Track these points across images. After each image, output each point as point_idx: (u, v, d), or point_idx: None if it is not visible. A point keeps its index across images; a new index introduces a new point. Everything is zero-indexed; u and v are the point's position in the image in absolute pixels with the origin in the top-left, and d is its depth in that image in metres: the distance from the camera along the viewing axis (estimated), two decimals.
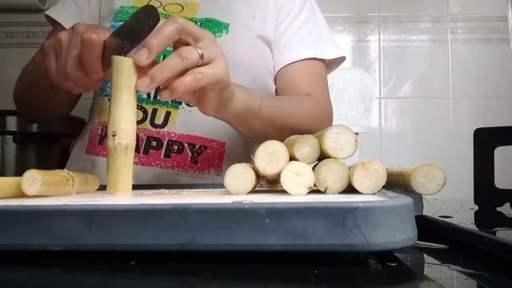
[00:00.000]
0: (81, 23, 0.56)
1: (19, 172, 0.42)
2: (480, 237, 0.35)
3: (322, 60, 0.87)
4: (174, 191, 0.53)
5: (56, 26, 0.87)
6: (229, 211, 0.29)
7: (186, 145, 0.77)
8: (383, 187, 0.40)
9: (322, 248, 0.28)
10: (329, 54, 0.87)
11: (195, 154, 0.78)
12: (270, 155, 0.42)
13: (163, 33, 0.48)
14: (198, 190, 0.54)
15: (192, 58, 0.49)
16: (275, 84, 0.87)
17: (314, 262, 0.30)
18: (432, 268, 0.31)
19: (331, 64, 0.90)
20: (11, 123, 1.40)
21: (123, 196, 0.45)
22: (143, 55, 0.47)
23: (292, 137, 0.46)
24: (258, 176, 0.45)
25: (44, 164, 1.41)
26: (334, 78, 1.24)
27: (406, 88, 1.84)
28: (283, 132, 0.68)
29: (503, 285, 0.28)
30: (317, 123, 0.77)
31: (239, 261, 0.30)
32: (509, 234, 0.40)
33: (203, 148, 0.78)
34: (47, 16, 0.89)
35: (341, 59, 0.90)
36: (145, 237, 0.30)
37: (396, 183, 0.45)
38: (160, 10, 0.84)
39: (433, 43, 1.85)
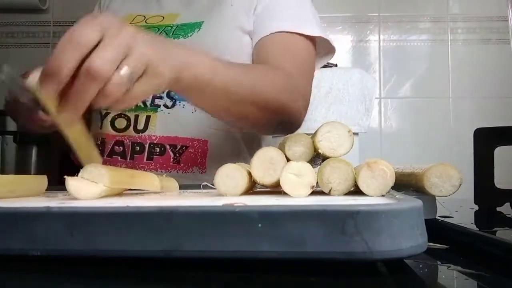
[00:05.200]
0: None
1: (19, 172, 0.42)
2: (480, 237, 0.35)
3: (306, 38, 0.78)
4: (177, 192, 0.52)
5: None
6: (219, 215, 0.27)
7: (167, 146, 0.78)
8: (394, 188, 0.38)
9: (319, 256, 0.26)
10: (310, 31, 0.78)
11: (177, 155, 0.78)
12: (266, 163, 0.40)
13: (64, 61, 0.40)
14: (202, 190, 0.52)
15: (122, 93, 0.43)
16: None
17: (310, 269, 0.28)
18: (432, 268, 0.31)
19: (322, 53, 0.84)
20: (11, 123, 1.40)
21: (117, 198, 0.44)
22: (51, 87, 0.41)
23: (285, 137, 0.45)
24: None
25: (44, 164, 1.41)
26: (334, 78, 1.24)
27: (406, 88, 1.85)
28: (244, 106, 0.62)
29: (503, 285, 0.28)
30: (287, 98, 0.69)
31: (229, 269, 0.29)
32: (509, 234, 0.40)
33: (184, 148, 0.78)
34: None
35: (329, 46, 0.83)
36: (129, 242, 0.28)
37: (408, 184, 0.42)
38: (142, 23, 0.86)
39: (433, 43, 1.85)
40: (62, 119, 0.43)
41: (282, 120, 0.71)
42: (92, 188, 0.39)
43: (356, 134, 1.26)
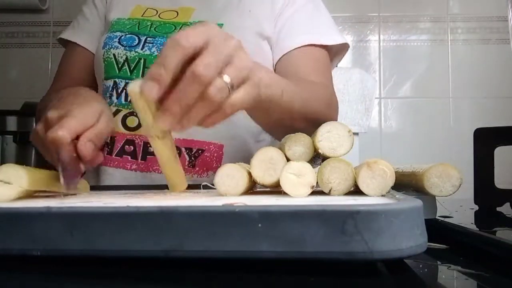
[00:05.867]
0: (52, 112, 0.53)
1: None
2: (480, 237, 0.35)
3: (324, 48, 0.83)
4: (87, 192, 0.52)
5: (70, 45, 0.89)
6: (219, 215, 0.27)
7: (183, 149, 0.77)
8: (394, 188, 0.37)
9: (319, 256, 0.26)
10: (329, 40, 0.83)
11: (192, 158, 0.77)
12: (266, 163, 0.40)
13: (168, 63, 0.41)
14: (202, 190, 0.52)
15: (222, 99, 0.43)
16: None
17: (310, 269, 0.28)
18: (432, 268, 0.31)
19: (335, 53, 0.88)
20: (11, 123, 1.40)
21: (113, 198, 0.44)
22: (153, 90, 0.42)
23: (285, 137, 0.45)
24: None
25: (44, 164, 1.41)
26: (334, 78, 1.24)
27: (406, 88, 1.84)
28: (297, 120, 0.65)
29: (503, 285, 0.28)
30: (328, 111, 0.74)
31: (229, 269, 0.29)
32: (509, 234, 0.40)
33: (200, 151, 0.77)
34: (61, 40, 0.90)
35: (345, 47, 0.87)
36: (129, 242, 0.28)
37: (408, 184, 0.42)
38: (155, 17, 0.85)
39: (433, 43, 1.85)
40: (157, 128, 0.44)
41: None
42: (7, 190, 0.38)
43: (356, 134, 1.26)
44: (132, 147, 0.78)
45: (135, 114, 0.78)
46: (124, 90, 0.79)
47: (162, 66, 0.41)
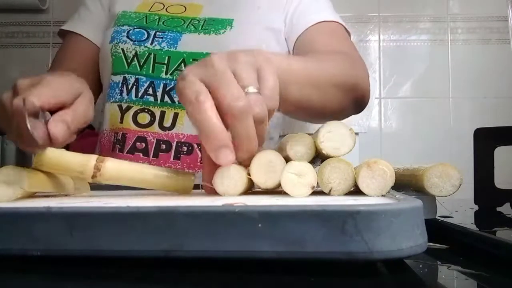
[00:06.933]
0: (23, 79, 0.49)
1: None
2: (480, 237, 0.35)
3: (339, 25, 0.84)
4: (88, 192, 0.52)
5: (70, 36, 0.87)
6: (219, 215, 0.27)
7: (195, 145, 0.77)
8: (394, 188, 0.38)
9: (319, 256, 0.26)
10: (342, 22, 0.84)
11: None
12: (265, 166, 0.40)
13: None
14: (202, 190, 0.52)
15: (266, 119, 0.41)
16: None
17: (310, 269, 0.28)
18: (432, 268, 0.31)
19: None
20: None
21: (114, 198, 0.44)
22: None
23: (286, 136, 0.45)
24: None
25: None
26: None
27: (406, 88, 1.84)
28: (326, 89, 0.63)
29: (503, 285, 0.28)
30: (357, 74, 0.72)
31: (229, 269, 0.28)
32: (509, 234, 0.40)
33: None
34: (62, 31, 0.88)
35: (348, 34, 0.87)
36: (129, 242, 0.28)
37: (408, 183, 0.42)
38: (163, 11, 0.84)
39: (433, 43, 1.85)
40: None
41: (356, 97, 0.72)
42: (7, 190, 0.38)
43: (356, 134, 1.26)
44: (143, 144, 0.77)
45: (146, 110, 0.78)
46: (135, 86, 0.79)
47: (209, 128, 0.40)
